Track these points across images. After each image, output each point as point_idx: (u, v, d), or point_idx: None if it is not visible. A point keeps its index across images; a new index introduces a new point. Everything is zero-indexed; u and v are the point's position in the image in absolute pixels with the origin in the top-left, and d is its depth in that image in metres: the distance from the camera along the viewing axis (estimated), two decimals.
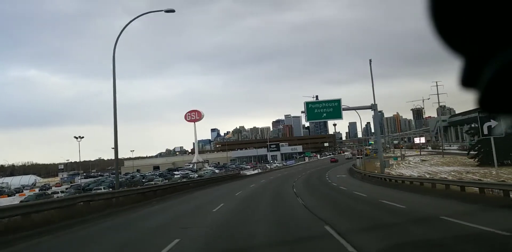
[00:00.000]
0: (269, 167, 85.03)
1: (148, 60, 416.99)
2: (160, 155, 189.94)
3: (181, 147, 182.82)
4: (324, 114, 37.42)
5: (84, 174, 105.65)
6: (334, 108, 36.79)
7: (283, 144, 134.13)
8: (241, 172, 72.65)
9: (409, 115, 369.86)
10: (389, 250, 7.12)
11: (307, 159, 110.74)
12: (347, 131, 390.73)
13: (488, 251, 7.05)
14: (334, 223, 10.58)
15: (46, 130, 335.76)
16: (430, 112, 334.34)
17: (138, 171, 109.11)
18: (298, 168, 74.86)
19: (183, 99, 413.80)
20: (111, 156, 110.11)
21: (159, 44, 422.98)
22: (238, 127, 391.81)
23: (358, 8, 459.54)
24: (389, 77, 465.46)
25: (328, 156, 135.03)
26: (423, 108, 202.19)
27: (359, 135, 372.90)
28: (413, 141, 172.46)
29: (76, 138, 65.57)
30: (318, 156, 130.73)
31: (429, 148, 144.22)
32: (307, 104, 37.36)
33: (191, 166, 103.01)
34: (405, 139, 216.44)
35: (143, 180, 64.08)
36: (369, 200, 18.61)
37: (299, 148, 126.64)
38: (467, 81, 0.85)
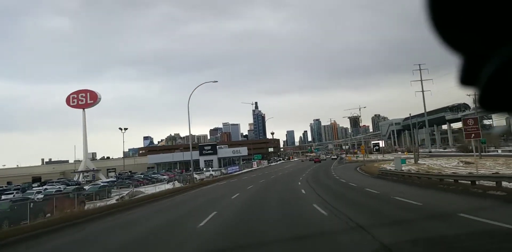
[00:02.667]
0: (197, 177, 46.82)
1: (83, 63, 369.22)
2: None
3: (93, 153, 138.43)
4: None
5: None
6: None
7: (222, 146, 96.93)
8: (141, 189, 35.36)
9: (346, 124, 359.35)
10: None
11: (255, 165, 75.02)
12: (285, 139, 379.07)
13: None
14: None
15: None
16: (365, 121, 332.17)
17: (8, 183, 68.10)
18: (251, 180, 38.54)
19: (117, 105, 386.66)
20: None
21: (94, 47, 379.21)
22: (173, 134, 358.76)
23: (298, 21, 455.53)
24: (326, 88, 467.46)
25: (279, 162, 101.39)
26: (360, 116, 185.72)
27: (296, 143, 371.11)
28: (370, 146, 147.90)
29: None
30: (266, 162, 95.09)
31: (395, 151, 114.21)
32: None
33: (76, 178, 62.90)
34: (346, 145, 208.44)
35: None
36: None
37: (243, 150, 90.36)
38: (466, 79, 0.82)
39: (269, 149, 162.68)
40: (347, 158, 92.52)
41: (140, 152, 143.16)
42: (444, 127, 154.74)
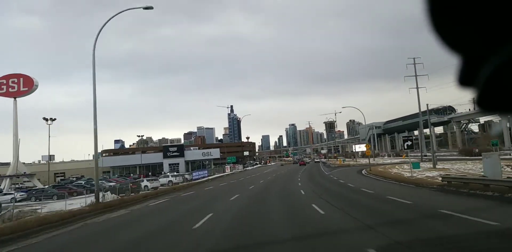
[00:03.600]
0: (149, 185, 34.63)
1: (53, 64, 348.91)
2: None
3: (50, 156, 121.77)
4: None
5: None
6: None
7: (192, 148, 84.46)
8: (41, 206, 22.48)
9: (321, 129, 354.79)
10: None
11: (228, 169, 63.09)
12: (260, 143, 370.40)
13: None
14: None
15: None
16: (341, 126, 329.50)
17: None
18: (218, 194, 26.31)
19: (87, 108, 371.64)
20: None
21: (64, 48, 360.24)
22: (145, 138, 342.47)
23: (273, 27, 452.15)
24: (301, 94, 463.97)
25: (255, 166, 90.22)
26: (335, 121, 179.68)
27: (271, 147, 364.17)
28: (352, 150, 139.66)
29: None
30: (241, 166, 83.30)
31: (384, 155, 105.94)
32: None
33: (2, 185, 49.35)
34: (322, 149, 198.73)
35: None
36: None
37: (215, 152, 77.99)
38: (464, 80, 0.80)
39: (245, 152, 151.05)
40: (333, 162, 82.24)
41: (104, 154, 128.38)
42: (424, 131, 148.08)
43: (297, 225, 10.66)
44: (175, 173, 47.55)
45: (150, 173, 70.83)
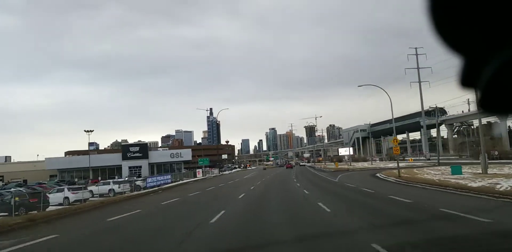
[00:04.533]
0: (72, 197, 21.99)
1: (24, 64, 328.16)
2: None
3: (6, 157, 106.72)
4: None
5: None
6: None
7: (160, 149, 71.72)
8: None
9: (301, 133, 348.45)
10: None
11: (200, 174, 50.87)
12: (240, 147, 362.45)
13: None
14: None
15: None
16: (320, 131, 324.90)
17: None
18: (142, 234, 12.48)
19: (63, 109, 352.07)
20: None
21: (40, 48, 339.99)
22: (120, 140, 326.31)
23: (253, 31, 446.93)
24: (282, 98, 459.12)
25: (234, 170, 78.83)
26: (316, 125, 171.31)
27: (251, 151, 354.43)
28: (335, 154, 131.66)
29: None
30: (217, 170, 71.28)
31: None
32: None
33: None
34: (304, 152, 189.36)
35: None
36: None
37: (186, 154, 65.27)
38: (466, 81, 0.79)
39: (223, 155, 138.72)
40: (322, 166, 71.43)
41: (67, 156, 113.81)
42: (412, 134, 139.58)
43: None
44: (121, 179, 34.71)
45: (104, 177, 57.94)
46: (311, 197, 18.37)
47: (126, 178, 43.89)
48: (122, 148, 62.11)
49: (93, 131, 55.75)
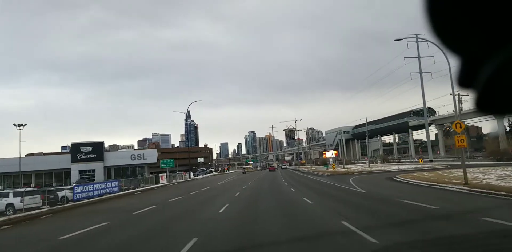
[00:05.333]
0: None
1: None
2: None
3: None
4: None
5: None
6: None
7: (121, 150, 60.66)
8: None
9: (281, 137, 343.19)
10: None
11: (164, 180, 40.59)
12: (218, 151, 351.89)
13: None
14: None
15: None
16: (300, 134, 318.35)
17: None
18: None
19: (35, 112, 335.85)
20: None
21: (12, 49, 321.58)
22: None
23: (235, 35, 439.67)
24: (262, 102, 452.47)
25: (209, 174, 69.33)
26: (295, 129, 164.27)
27: (230, 155, 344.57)
28: (319, 156, 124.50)
29: None
30: (190, 174, 61.32)
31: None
32: None
33: None
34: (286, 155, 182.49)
35: None
36: None
37: (150, 155, 54.40)
38: (464, 81, 0.78)
39: (199, 158, 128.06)
40: (310, 169, 62.50)
41: None
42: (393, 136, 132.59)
43: None
44: (25, 189, 23.59)
45: (50, 183, 46.89)
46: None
47: (73, 184, 33.36)
48: (71, 148, 50.88)
49: (25, 124, 45.09)
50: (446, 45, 0.74)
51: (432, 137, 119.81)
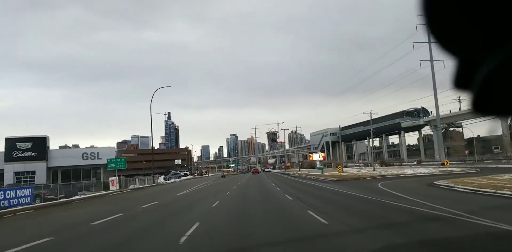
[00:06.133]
0: None
1: None
2: None
3: None
4: None
5: None
6: None
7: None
8: None
9: (263, 140, 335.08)
10: None
11: (115, 185, 31.03)
12: (200, 154, 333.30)
13: None
14: None
15: None
16: (283, 137, 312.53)
17: None
18: None
19: (13, 113, 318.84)
20: None
21: None
22: (70, 145, 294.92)
23: (218, 37, 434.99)
24: (244, 105, 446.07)
25: (182, 178, 60.25)
26: (278, 132, 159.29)
27: (211, 157, 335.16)
28: (308, 158, 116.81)
29: None
30: (162, 177, 51.95)
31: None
32: None
33: None
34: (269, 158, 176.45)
35: None
36: None
37: (107, 154, 43.10)
38: (460, 82, 0.77)
39: (176, 160, 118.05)
40: (299, 172, 54.10)
41: None
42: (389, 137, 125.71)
43: None
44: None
45: None
46: None
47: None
48: (6, 144, 40.19)
49: None
50: (443, 46, 0.73)
51: (414, 141, 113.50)
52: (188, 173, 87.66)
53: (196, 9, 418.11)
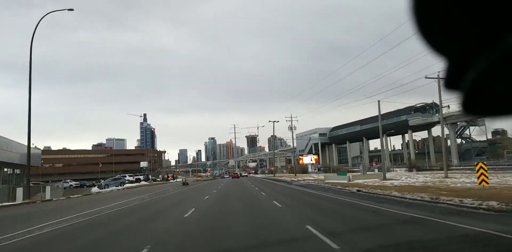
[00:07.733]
0: None
1: None
2: None
3: None
4: None
5: None
6: None
7: None
8: None
9: (243, 144, 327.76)
10: None
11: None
12: (177, 158, 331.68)
13: None
14: None
15: None
16: (262, 142, 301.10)
17: None
18: None
19: None
20: None
21: None
22: (42, 148, 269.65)
23: (197, 41, 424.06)
24: (223, 109, 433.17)
25: (126, 185, 43.15)
26: (258, 136, 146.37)
27: (189, 161, 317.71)
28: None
29: None
30: (96, 187, 34.26)
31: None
32: None
33: None
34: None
35: None
36: None
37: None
38: (450, 83, 0.77)
39: (141, 163, 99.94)
40: (289, 177, 38.43)
41: None
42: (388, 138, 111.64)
43: None
44: None
45: None
46: None
47: None
48: None
49: None
50: (433, 47, 0.73)
51: (397, 146, 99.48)
52: (141, 177, 68.90)
53: (175, 12, 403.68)
